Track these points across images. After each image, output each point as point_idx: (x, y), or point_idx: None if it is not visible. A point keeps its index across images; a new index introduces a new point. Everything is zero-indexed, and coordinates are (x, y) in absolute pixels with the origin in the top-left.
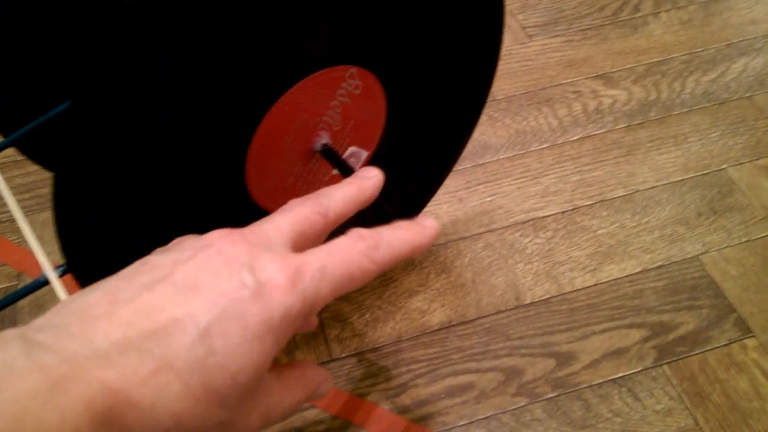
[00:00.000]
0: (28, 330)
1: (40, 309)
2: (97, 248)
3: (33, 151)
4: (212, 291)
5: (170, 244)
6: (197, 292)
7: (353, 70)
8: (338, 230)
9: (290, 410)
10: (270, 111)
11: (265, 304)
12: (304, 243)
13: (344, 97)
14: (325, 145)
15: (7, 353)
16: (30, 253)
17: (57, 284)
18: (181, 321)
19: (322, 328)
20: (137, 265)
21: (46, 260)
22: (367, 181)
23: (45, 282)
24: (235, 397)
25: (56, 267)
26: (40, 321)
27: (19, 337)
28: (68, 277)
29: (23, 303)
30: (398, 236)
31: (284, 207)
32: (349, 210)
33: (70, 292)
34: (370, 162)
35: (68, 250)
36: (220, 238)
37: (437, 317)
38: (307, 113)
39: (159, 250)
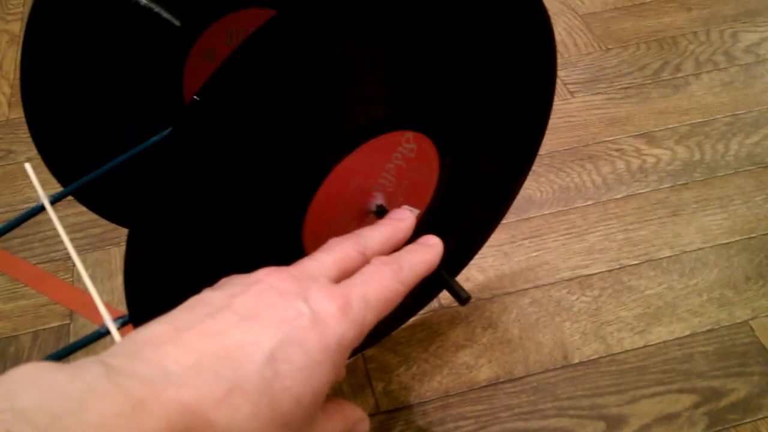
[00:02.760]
0: (104, 357)
1: (91, 350)
2: (161, 304)
3: (91, 201)
4: (272, 318)
5: (218, 283)
6: (258, 319)
7: (409, 134)
8: None
9: None
10: (329, 175)
11: (323, 331)
12: (344, 279)
13: (399, 159)
14: (379, 206)
15: (89, 376)
16: (82, 293)
17: (117, 336)
18: (247, 346)
19: (368, 380)
20: (193, 301)
21: (107, 312)
22: (401, 222)
23: (105, 333)
24: (298, 422)
25: (116, 318)
26: (112, 350)
27: (98, 362)
28: (128, 328)
29: None
30: (414, 258)
31: (325, 246)
32: (385, 249)
33: None
34: (422, 218)
35: (133, 302)
36: (268, 275)
37: (484, 373)
38: (363, 176)
39: (208, 289)
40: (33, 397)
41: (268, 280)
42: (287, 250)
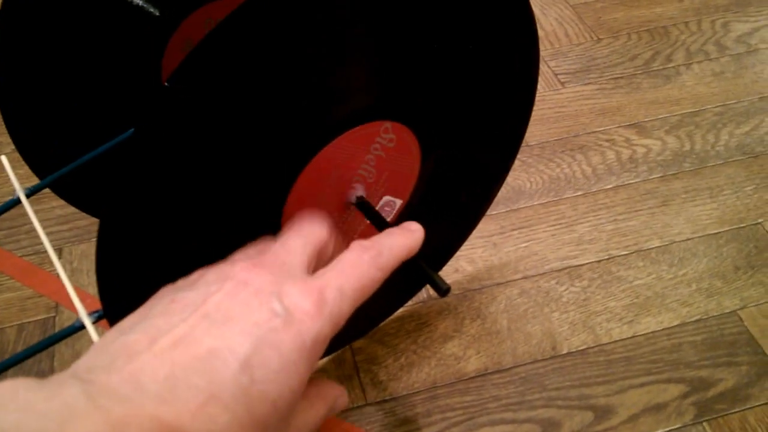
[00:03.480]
0: (80, 372)
1: (76, 341)
2: (134, 297)
3: (69, 194)
4: (246, 321)
5: (193, 277)
6: (231, 323)
7: (388, 124)
8: None
9: (315, 425)
10: (306, 167)
11: (298, 331)
12: (319, 254)
13: (378, 150)
14: (359, 198)
15: (67, 395)
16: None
17: (92, 330)
18: (221, 352)
19: (356, 371)
20: (167, 302)
21: (81, 306)
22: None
23: (81, 327)
24: (276, 421)
25: (91, 312)
26: (87, 362)
27: (75, 378)
28: (103, 322)
29: None
30: (395, 241)
31: (294, 223)
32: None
33: None
34: (404, 209)
35: (106, 296)
36: (243, 270)
37: (473, 364)
38: (342, 168)
39: (182, 283)
40: (12, 417)
41: (242, 276)
42: None
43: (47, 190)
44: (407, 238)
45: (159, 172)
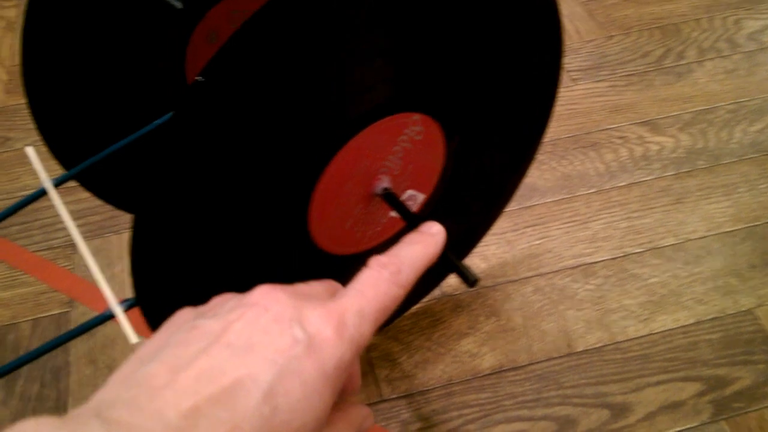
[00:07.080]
0: (102, 408)
1: (90, 336)
2: (167, 285)
3: (95, 185)
4: (267, 349)
5: (211, 304)
6: (253, 351)
7: (417, 116)
8: None
9: None
10: (336, 155)
11: (319, 357)
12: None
13: (406, 142)
14: (385, 189)
15: None
16: (81, 281)
17: (123, 320)
18: (244, 382)
19: (371, 368)
20: (187, 329)
21: (112, 296)
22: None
23: (110, 316)
24: None
25: (121, 301)
26: (107, 395)
27: (96, 416)
28: (129, 311)
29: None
30: (415, 253)
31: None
32: None
33: (134, 324)
34: (425, 204)
35: (140, 285)
36: (262, 296)
37: (488, 361)
38: (370, 158)
39: (202, 309)
40: None
41: (263, 302)
42: (293, 231)
43: (60, 186)
44: (429, 246)
45: (191, 165)
